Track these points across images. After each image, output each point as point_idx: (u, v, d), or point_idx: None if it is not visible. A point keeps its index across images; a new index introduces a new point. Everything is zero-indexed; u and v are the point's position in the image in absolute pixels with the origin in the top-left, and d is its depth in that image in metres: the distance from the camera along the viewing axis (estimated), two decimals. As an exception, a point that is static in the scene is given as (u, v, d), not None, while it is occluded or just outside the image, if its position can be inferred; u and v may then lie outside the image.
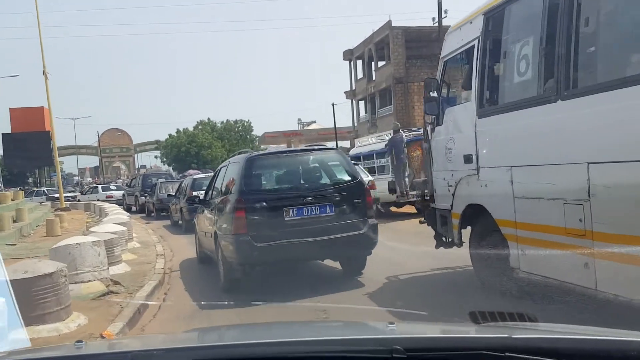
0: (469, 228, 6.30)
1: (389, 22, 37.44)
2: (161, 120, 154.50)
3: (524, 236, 5.15)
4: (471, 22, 6.00)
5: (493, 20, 5.58)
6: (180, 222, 16.03)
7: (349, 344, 1.77)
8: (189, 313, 6.24)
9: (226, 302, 6.32)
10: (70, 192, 44.68)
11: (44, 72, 25.89)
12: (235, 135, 61.95)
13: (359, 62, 43.62)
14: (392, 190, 12.41)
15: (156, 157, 70.64)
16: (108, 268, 7.48)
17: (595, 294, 4.24)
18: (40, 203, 31.41)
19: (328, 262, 7.93)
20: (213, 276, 7.76)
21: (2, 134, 47.35)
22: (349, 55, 44.11)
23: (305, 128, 59.63)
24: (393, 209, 14.72)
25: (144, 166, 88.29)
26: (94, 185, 43.30)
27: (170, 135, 61.97)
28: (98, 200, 30.28)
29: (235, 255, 6.80)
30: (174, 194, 17.63)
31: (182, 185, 17.47)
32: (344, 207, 6.92)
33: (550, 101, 4.59)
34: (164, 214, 19.49)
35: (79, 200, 33.88)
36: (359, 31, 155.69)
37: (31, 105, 45.44)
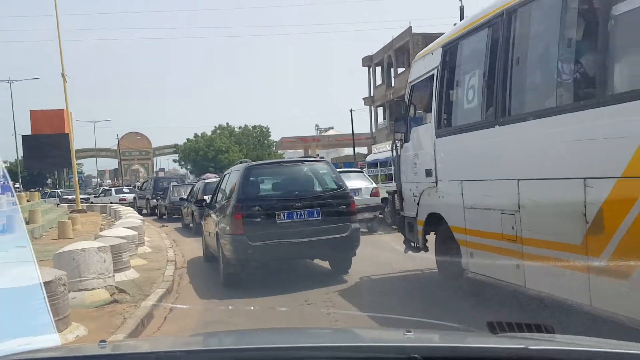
0: (433, 234, 7.05)
1: (410, 28, 37.04)
2: (180, 124, 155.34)
3: (472, 241, 5.91)
4: (432, 53, 6.83)
5: (449, 53, 6.38)
6: (191, 225, 16.25)
7: (367, 351, 1.81)
8: (195, 326, 5.95)
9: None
10: (87, 194, 44.79)
11: (62, 75, 25.70)
12: (252, 140, 61.85)
13: (378, 69, 43.18)
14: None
15: (174, 160, 70.83)
16: (114, 275, 7.20)
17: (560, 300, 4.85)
18: (57, 205, 31.28)
19: (318, 262, 8.79)
20: (221, 284, 7.88)
21: (23, 136, 47.78)
22: (368, 61, 43.75)
23: (322, 134, 59.31)
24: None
25: (162, 169, 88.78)
26: (108, 188, 43.81)
27: (188, 139, 62.15)
28: (111, 202, 31.04)
29: (232, 252, 7.56)
30: (185, 197, 17.77)
31: (194, 189, 17.97)
32: (330, 212, 7.68)
33: (490, 126, 5.40)
34: (176, 216, 19.95)
35: (92, 203, 34.34)
36: (379, 37, 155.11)
37: (52, 108, 45.28)
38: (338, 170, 9.55)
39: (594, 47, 4.06)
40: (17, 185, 58.18)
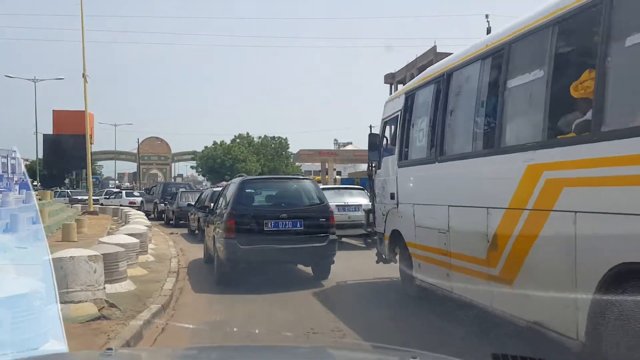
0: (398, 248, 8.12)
1: (434, 47, 36.65)
2: (201, 131, 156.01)
3: (419, 254, 7.17)
4: (399, 97, 8.17)
5: (408, 99, 7.72)
6: (197, 231, 16.57)
7: None
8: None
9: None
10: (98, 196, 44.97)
11: (83, 75, 25.94)
12: (271, 151, 61.53)
13: (400, 87, 42.43)
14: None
15: (192, 167, 70.92)
16: (104, 288, 6.67)
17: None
18: (72, 205, 31.05)
19: (303, 269, 9.91)
20: (227, 306, 7.48)
21: (44, 135, 47.96)
22: (390, 79, 43.40)
23: (340, 148, 58.73)
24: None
25: (180, 175, 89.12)
26: (118, 190, 44.44)
27: (206, 146, 62.11)
28: (121, 205, 31.73)
29: (225, 254, 8.70)
30: (193, 203, 18.20)
31: (202, 196, 18.55)
32: (311, 223, 8.78)
33: (432, 162, 6.70)
34: (182, 222, 20.43)
35: (102, 205, 34.88)
36: (404, 55, 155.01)
37: (75, 109, 45.26)
38: (351, 185, 10.49)
39: (494, 110, 5.33)
40: (35, 183, 58.44)
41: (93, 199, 41.13)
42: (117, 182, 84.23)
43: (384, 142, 8.80)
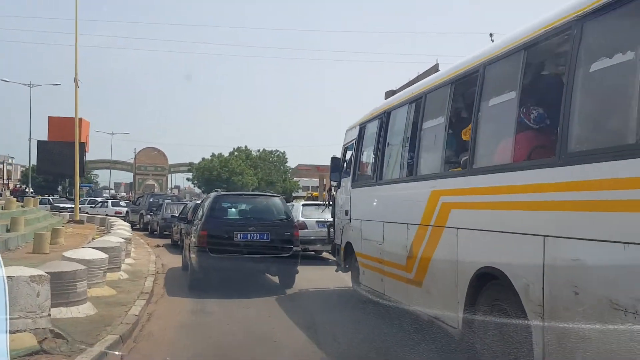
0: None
1: (436, 65, 35.61)
2: (199, 143, 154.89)
3: (364, 262, 8.42)
4: (355, 128, 9.39)
5: (362, 130, 9.04)
6: (179, 242, 16.66)
7: None
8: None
9: None
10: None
11: (75, 80, 25.63)
12: (268, 165, 60.65)
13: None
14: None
15: (188, 179, 70.15)
16: (49, 314, 5.69)
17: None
18: (59, 213, 30.01)
19: (272, 278, 10.85)
20: (198, 337, 6.69)
21: (38, 141, 47.36)
22: (390, 95, 42.22)
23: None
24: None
25: (177, 186, 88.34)
26: (105, 199, 44.96)
27: (203, 158, 61.40)
28: (107, 215, 32.22)
29: (197, 261, 9.70)
30: (177, 215, 18.29)
31: (186, 208, 19.07)
32: (277, 236, 9.82)
33: (373, 185, 8.11)
34: (167, 233, 20.98)
35: (87, 213, 34.57)
36: (405, 71, 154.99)
37: (71, 116, 44.40)
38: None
39: (413, 145, 6.63)
40: (28, 190, 57.59)
41: (72, 207, 40.29)
42: (113, 191, 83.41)
43: (344, 165, 10.00)
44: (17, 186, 66.56)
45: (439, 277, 5.78)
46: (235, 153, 62.67)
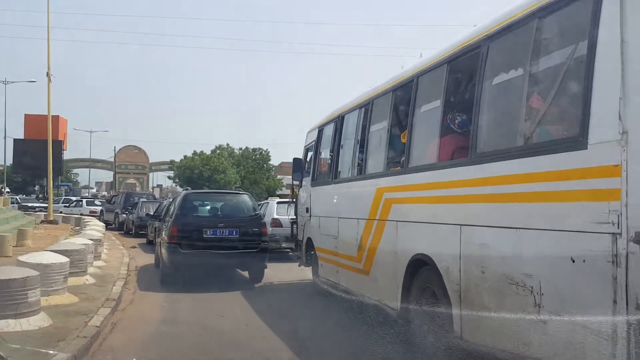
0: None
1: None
2: (179, 141, 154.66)
3: (322, 256, 9.23)
4: (315, 130, 10.25)
5: (320, 132, 9.93)
6: (154, 242, 16.65)
7: None
8: None
9: None
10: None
11: (47, 74, 25.29)
12: (252, 163, 61.07)
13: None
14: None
15: (169, 177, 70.25)
16: None
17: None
18: (34, 212, 30.24)
19: (241, 273, 11.60)
20: (165, 345, 6.50)
21: (14, 139, 47.42)
22: (373, 91, 43.11)
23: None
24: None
25: (159, 185, 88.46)
26: (79, 199, 45.04)
27: (185, 156, 61.60)
28: (81, 214, 32.43)
29: (167, 257, 10.41)
30: (152, 213, 18.42)
31: (161, 206, 19.34)
32: (245, 232, 10.53)
33: (329, 184, 9.00)
34: (143, 232, 21.04)
35: (60, 213, 34.75)
36: (389, 65, 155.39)
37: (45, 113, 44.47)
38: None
39: (362, 147, 7.54)
40: (6, 190, 57.20)
41: (43, 206, 39.87)
42: (94, 190, 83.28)
43: (306, 166, 10.80)
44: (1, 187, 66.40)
45: (382, 265, 6.63)
46: (218, 151, 63.07)
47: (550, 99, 4.14)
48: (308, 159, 10.72)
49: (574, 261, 3.73)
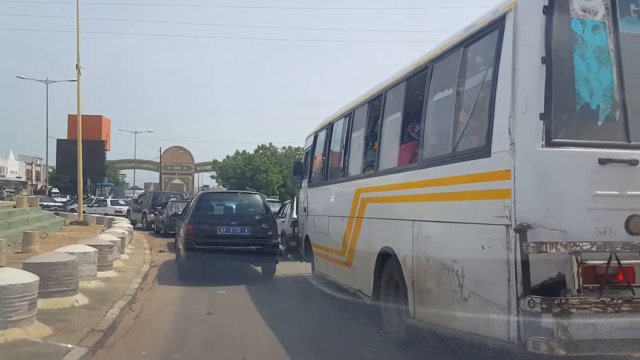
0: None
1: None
2: (224, 140, 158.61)
3: (317, 251, 10.71)
4: (312, 135, 11.67)
5: (316, 137, 11.37)
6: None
7: None
8: None
9: None
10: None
11: (77, 67, 24.80)
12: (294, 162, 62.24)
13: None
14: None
15: (212, 177, 72.64)
16: None
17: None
18: (68, 213, 31.70)
19: (255, 268, 12.92)
20: None
21: (57, 140, 49.95)
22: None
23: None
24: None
25: (206, 186, 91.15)
26: (103, 198, 45.06)
27: (227, 156, 63.81)
28: (106, 214, 33.02)
29: (184, 252, 11.82)
30: (180, 213, 18.63)
31: (189, 205, 19.60)
32: (257, 230, 11.83)
33: (322, 185, 10.39)
34: (172, 232, 21.00)
35: (71, 211, 34.81)
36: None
37: (91, 113, 47.29)
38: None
39: (346, 151, 8.78)
40: (54, 190, 60.38)
41: (60, 205, 40.83)
42: (142, 191, 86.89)
43: (305, 168, 12.28)
44: (42, 187, 70.06)
45: (360, 258, 7.84)
46: (260, 151, 65.00)
47: (470, 114, 5.28)
48: (306, 162, 12.20)
49: (483, 248, 4.87)
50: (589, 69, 4.51)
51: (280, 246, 14.19)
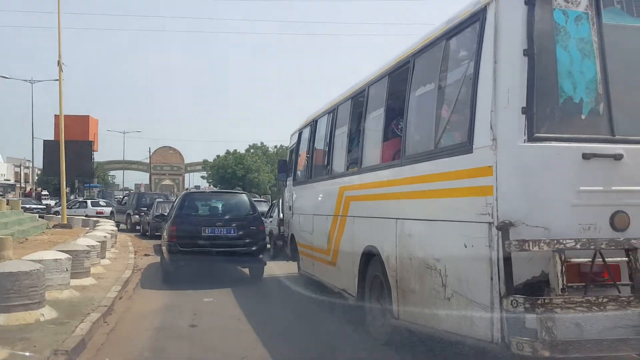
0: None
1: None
2: (214, 139, 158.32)
3: (302, 250, 10.63)
4: (297, 133, 11.65)
5: (300, 135, 11.31)
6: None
7: None
8: None
9: None
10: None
11: (58, 63, 24.28)
12: (286, 162, 62.30)
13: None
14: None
15: (202, 177, 72.48)
16: None
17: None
18: (53, 215, 31.40)
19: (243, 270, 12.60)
20: None
21: (44, 141, 49.57)
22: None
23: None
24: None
25: (198, 186, 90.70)
26: (83, 200, 43.27)
27: (218, 155, 63.53)
28: (87, 216, 31.95)
29: (167, 255, 11.38)
30: (166, 214, 18.69)
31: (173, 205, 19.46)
32: (243, 231, 11.43)
33: (305, 183, 10.36)
34: (158, 234, 20.40)
35: (56, 213, 33.00)
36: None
37: (77, 113, 46.97)
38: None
39: (330, 149, 8.69)
40: (44, 193, 59.97)
41: (43, 208, 39.20)
42: (127, 192, 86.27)
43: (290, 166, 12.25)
44: (32, 189, 69.55)
45: (344, 257, 7.76)
46: (252, 150, 64.90)
47: (452, 109, 5.19)
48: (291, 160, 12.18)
49: (466, 246, 4.78)
50: (572, 61, 4.43)
51: (268, 245, 14.38)
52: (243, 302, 9.31)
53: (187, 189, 79.53)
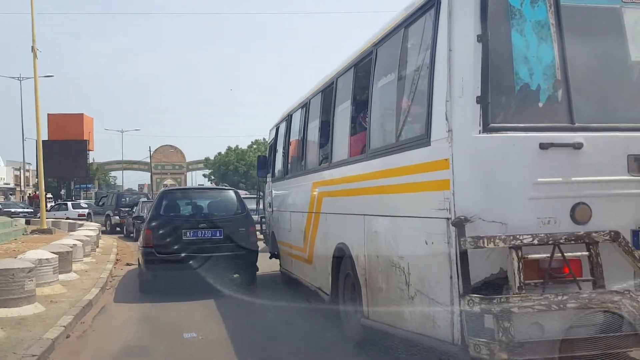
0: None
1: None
2: (215, 135, 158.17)
3: (282, 248, 10.61)
4: (274, 128, 11.78)
5: (277, 130, 11.41)
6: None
7: None
8: None
9: None
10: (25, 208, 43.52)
11: (32, 49, 23.12)
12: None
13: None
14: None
15: (204, 175, 72.52)
16: None
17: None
18: (31, 218, 30.79)
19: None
20: None
21: (43, 141, 49.25)
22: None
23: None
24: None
25: (201, 185, 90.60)
26: (63, 202, 43.00)
27: (219, 152, 63.43)
28: (67, 218, 31.67)
29: (143, 263, 10.18)
30: (143, 215, 17.88)
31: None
32: (231, 233, 10.16)
33: (283, 179, 10.45)
34: None
35: (37, 217, 31.37)
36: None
37: (70, 111, 47.14)
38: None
39: (303, 144, 8.74)
40: (49, 196, 60.33)
41: (28, 212, 38.96)
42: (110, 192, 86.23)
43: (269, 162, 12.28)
44: (37, 192, 69.58)
45: (319, 255, 7.70)
46: (254, 146, 64.94)
47: (411, 100, 5.09)
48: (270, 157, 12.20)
49: (426, 243, 4.70)
50: (527, 46, 4.30)
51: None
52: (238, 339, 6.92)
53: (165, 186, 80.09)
